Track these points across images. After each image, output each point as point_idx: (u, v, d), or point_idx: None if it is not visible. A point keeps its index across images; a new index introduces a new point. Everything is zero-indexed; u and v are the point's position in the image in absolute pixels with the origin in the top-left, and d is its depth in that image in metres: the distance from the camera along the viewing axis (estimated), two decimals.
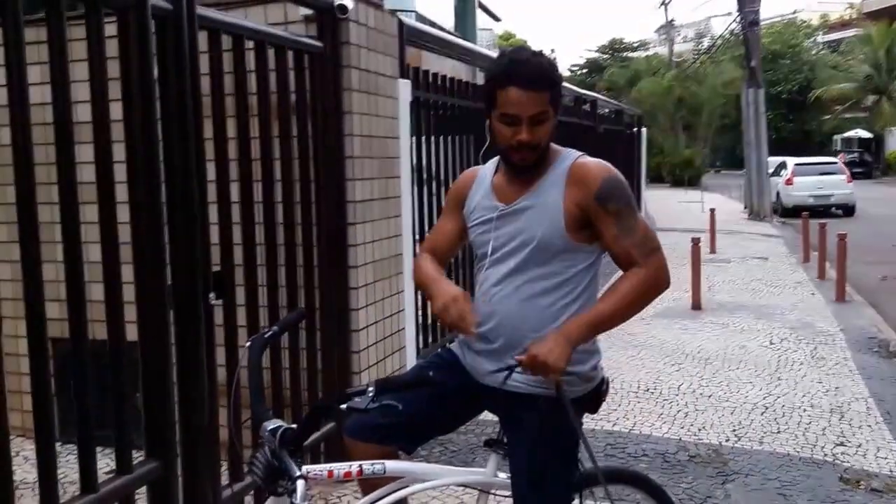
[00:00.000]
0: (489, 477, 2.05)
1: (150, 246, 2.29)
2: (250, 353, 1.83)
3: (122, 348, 2.21)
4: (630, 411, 4.69)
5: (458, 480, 2.09)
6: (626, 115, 14.87)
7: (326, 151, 3.36)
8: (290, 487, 1.63)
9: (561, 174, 1.93)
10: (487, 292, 1.98)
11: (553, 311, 1.92)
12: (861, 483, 3.61)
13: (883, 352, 6.14)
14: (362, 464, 1.86)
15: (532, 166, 1.94)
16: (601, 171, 1.93)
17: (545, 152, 1.94)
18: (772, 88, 36.13)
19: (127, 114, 2.23)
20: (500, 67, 1.89)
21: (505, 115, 1.88)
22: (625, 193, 1.92)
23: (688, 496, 3.42)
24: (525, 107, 1.85)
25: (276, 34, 3.00)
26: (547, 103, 1.88)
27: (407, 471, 1.98)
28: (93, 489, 2.10)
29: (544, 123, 1.89)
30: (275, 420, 1.71)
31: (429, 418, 2.05)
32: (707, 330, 6.93)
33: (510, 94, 1.86)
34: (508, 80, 1.86)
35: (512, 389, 1.94)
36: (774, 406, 4.78)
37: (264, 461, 1.67)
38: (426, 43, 4.87)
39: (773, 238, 14.25)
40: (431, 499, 3.31)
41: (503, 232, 1.96)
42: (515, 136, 1.88)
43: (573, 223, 1.90)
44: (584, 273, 1.95)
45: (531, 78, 1.85)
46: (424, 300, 4.64)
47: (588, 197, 1.89)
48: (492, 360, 1.96)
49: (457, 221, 2.14)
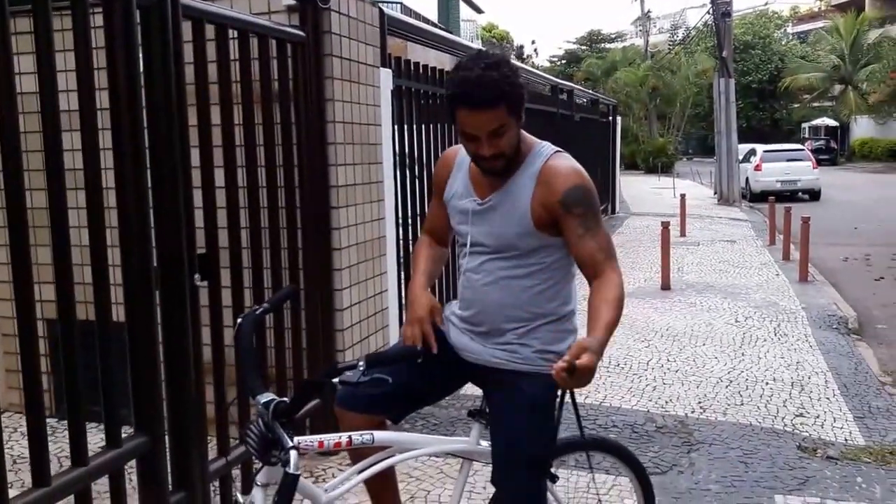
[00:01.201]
0: (472, 445, 2.13)
1: (137, 229, 2.33)
2: (242, 329, 1.87)
3: (110, 328, 2.27)
4: (601, 385, 4.84)
5: (443, 449, 2.18)
6: (602, 104, 15.06)
7: (309, 138, 3.43)
8: (284, 458, 1.68)
9: (533, 174, 1.96)
10: (469, 279, 2.07)
11: (531, 295, 2.01)
12: (818, 451, 3.77)
13: (842, 328, 6.36)
14: (351, 434, 1.92)
15: (505, 169, 1.96)
16: (570, 176, 1.93)
17: (516, 151, 1.95)
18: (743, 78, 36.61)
19: (113, 102, 2.26)
20: (452, 86, 1.87)
21: (464, 133, 1.90)
22: (591, 199, 1.93)
23: (654, 464, 3.57)
24: (479, 126, 1.84)
25: (259, 23, 3.06)
26: (504, 116, 1.85)
27: (394, 440, 2.04)
28: (83, 463, 2.15)
29: (505, 135, 1.87)
30: (267, 394, 1.75)
31: (416, 390, 2.12)
32: (675, 309, 7.11)
33: (463, 116, 1.85)
34: (458, 102, 1.85)
35: (495, 365, 2.03)
36: (738, 380, 4.95)
37: (258, 433, 1.72)
38: (407, 33, 4.97)
39: (742, 222, 14.51)
40: (414, 469, 3.42)
41: (479, 227, 2.03)
42: (478, 151, 1.90)
43: (541, 222, 1.95)
44: (560, 260, 2.02)
45: (482, 98, 1.81)
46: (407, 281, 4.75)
47: (553, 199, 1.91)
48: (479, 341, 2.07)
49: (444, 209, 2.18)
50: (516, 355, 2.01)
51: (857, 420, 4.27)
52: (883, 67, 34.09)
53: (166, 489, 2.45)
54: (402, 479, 3.33)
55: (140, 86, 2.32)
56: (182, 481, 2.55)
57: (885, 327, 6.78)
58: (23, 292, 1.97)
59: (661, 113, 36.09)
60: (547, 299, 2.02)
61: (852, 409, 4.44)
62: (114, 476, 2.30)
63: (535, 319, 2.02)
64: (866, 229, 13.45)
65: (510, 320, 2.01)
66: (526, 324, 2.02)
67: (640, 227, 13.24)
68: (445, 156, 2.22)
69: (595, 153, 13.06)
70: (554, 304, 2.04)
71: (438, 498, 3.20)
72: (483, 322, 2.05)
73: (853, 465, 3.61)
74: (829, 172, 26.69)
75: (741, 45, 37.74)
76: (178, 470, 2.54)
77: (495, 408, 2.06)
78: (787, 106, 42.43)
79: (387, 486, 2.23)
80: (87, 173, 2.19)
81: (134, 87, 2.29)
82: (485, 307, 2.04)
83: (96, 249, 2.23)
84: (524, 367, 2.00)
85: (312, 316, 3.51)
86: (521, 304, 2.00)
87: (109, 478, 2.29)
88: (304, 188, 3.43)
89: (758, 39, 41.77)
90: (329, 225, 3.59)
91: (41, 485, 2.01)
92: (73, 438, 2.16)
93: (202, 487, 2.63)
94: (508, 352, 2.02)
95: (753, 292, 7.82)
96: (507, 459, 2.01)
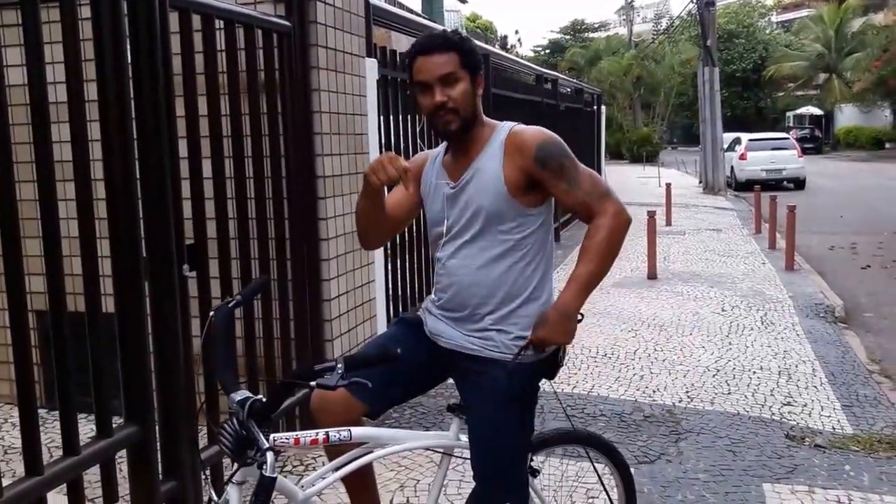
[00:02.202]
0: (451, 440, 2.12)
1: (126, 221, 2.33)
2: (215, 323, 1.83)
3: (100, 319, 2.28)
4: (589, 375, 4.87)
5: (421, 444, 2.15)
6: (586, 93, 15.09)
7: (296, 128, 3.43)
8: (261, 459, 1.65)
9: (498, 146, 2.00)
10: (445, 265, 2.07)
11: (508, 275, 2.00)
12: (806, 440, 3.80)
13: (829, 317, 6.41)
14: (328, 431, 1.88)
15: (462, 131, 1.99)
16: (535, 135, 2.00)
17: (474, 121, 2.00)
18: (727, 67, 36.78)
19: (101, 93, 2.26)
20: (410, 48, 2.02)
21: (417, 84, 1.98)
22: (562, 150, 1.99)
23: (643, 454, 3.60)
24: (431, 71, 1.95)
25: (245, 13, 3.05)
26: (456, 65, 1.96)
27: (372, 436, 2.02)
28: (75, 452, 2.16)
29: (456, 84, 1.95)
30: (242, 391, 1.71)
31: (395, 388, 2.11)
32: (662, 298, 7.14)
33: (417, 63, 1.98)
34: (414, 52, 1.99)
35: (470, 352, 2.02)
36: (725, 369, 4.99)
37: (232, 431, 1.67)
38: (392, 23, 4.97)
39: (727, 211, 14.61)
40: (402, 458, 3.43)
41: (455, 210, 2.04)
42: (432, 101, 1.96)
43: (516, 189, 1.97)
44: (534, 235, 2.03)
45: (432, 43, 1.97)
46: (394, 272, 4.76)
47: (529, 161, 1.96)
48: (456, 327, 2.06)
49: (404, 193, 2.18)
50: (491, 342, 2.00)
51: (845, 408, 4.31)
52: (867, 56, 34.32)
53: (157, 478, 2.46)
54: (391, 467, 3.35)
55: (128, 77, 2.32)
56: (172, 470, 2.56)
57: (872, 315, 6.84)
58: (13, 284, 1.97)
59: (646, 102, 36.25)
60: (524, 279, 2.02)
61: (840, 398, 4.48)
62: (105, 465, 2.31)
63: (511, 301, 2.01)
64: (852, 218, 13.56)
65: (486, 302, 2.00)
66: (502, 306, 2.01)
67: None
68: (418, 156, 2.28)
69: (580, 142, 13.08)
70: (530, 285, 2.03)
71: (428, 487, 3.22)
72: (459, 305, 2.04)
73: (841, 454, 3.65)
74: (814, 161, 26.91)
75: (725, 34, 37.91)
76: (168, 459, 2.55)
77: (469, 397, 2.06)
78: (771, 94, 42.66)
79: (364, 483, 2.22)
80: (75, 165, 2.19)
81: (122, 78, 2.29)
82: (461, 289, 2.03)
83: (86, 241, 2.23)
84: (499, 356, 2.00)
85: (300, 306, 3.50)
86: (497, 283, 2.00)
87: (101, 467, 2.30)
88: (290, 178, 3.43)
89: (742, 28, 41.95)
90: (316, 215, 3.59)
91: (33, 474, 2.02)
92: (64, 428, 2.17)
93: (193, 476, 2.63)
94: (484, 339, 2.01)
95: (740, 281, 7.88)
96: (482, 449, 2.01)
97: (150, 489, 2.42)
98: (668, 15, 47.60)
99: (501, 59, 9.44)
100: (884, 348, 5.79)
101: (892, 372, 5.16)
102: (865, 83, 34.76)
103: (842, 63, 36.65)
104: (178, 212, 2.56)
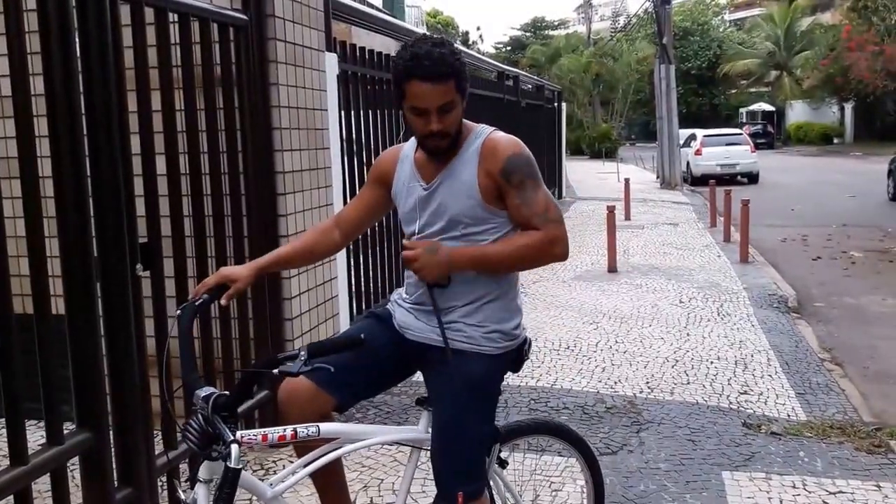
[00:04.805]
0: (421, 434, 2.11)
1: (76, 219, 2.27)
2: (180, 321, 1.83)
3: (49, 321, 2.21)
4: (552, 367, 4.90)
5: (391, 438, 2.15)
6: (547, 90, 15.19)
7: (254, 123, 3.37)
8: (225, 452, 1.65)
9: (475, 151, 1.99)
10: None
11: (480, 274, 2.01)
12: (762, 427, 3.87)
13: (782, 307, 6.56)
14: (296, 427, 1.87)
15: (448, 150, 1.99)
16: (508, 146, 2.00)
17: (458, 134, 2.00)
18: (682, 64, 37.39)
19: (49, 88, 2.20)
20: (404, 62, 1.91)
21: (414, 108, 1.93)
22: (529, 167, 1.99)
23: (605, 444, 3.63)
24: (431, 99, 1.89)
25: (199, 6, 2.98)
26: (453, 91, 1.92)
27: (341, 432, 2.00)
28: (23, 461, 2.09)
29: (452, 111, 1.93)
30: (207, 387, 1.71)
31: (361, 379, 2.10)
32: (622, 291, 7.22)
33: (415, 88, 1.89)
34: (412, 74, 1.89)
35: (436, 343, 2.02)
36: (684, 359, 5.07)
37: (198, 427, 1.68)
38: (352, 17, 4.93)
39: (683, 205, 14.84)
40: (366, 458, 3.41)
41: (427, 212, 2.04)
42: (427, 127, 1.93)
43: (489, 195, 1.98)
44: (507, 235, 2.02)
45: (433, 71, 1.88)
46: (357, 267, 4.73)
47: (496, 170, 1.96)
48: (422, 319, 2.07)
49: (373, 195, 2.19)
50: (459, 334, 2.01)
51: (799, 396, 4.41)
52: (815, 54, 35.22)
53: (111, 486, 2.40)
54: (354, 468, 3.31)
55: (76, 71, 2.26)
56: (128, 477, 2.50)
57: (823, 305, 7.01)
58: None
59: (605, 99, 36.66)
60: (496, 277, 2.04)
61: (794, 386, 4.58)
62: (56, 474, 2.24)
63: (480, 298, 2.03)
64: (803, 211, 13.90)
65: (456, 297, 2.02)
66: (471, 302, 2.03)
67: (587, 212, 13.43)
68: (387, 153, 2.23)
69: (541, 139, 13.17)
70: (502, 281, 2.06)
71: (392, 486, 3.20)
72: (427, 304, 2.05)
73: (796, 440, 3.73)
74: (767, 156, 27.51)
75: (681, 31, 38.51)
76: (123, 466, 2.50)
77: (433, 386, 2.07)
78: (725, 91, 43.49)
79: (334, 480, 2.19)
80: (22, 162, 2.12)
81: (70, 72, 2.23)
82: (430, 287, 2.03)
83: (34, 240, 2.17)
84: (464, 346, 2.01)
85: (260, 305, 3.45)
86: (469, 281, 2.02)
87: (51, 476, 2.23)
88: (248, 174, 3.37)
89: (696, 26, 42.68)
90: (276, 212, 3.53)
91: None
92: (11, 436, 2.10)
93: (149, 483, 2.58)
94: (452, 330, 2.02)
95: (696, 273, 8.01)
96: (443, 434, 2.01)
97: (104, 498, 2.36)
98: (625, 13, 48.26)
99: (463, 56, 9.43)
100: (834, 337, 5.94)
101: (843, 360, 5.30)
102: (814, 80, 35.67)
103: (792, 61, 37.57)
104: (130, 209, 2.50)
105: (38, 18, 2.17)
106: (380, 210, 2.26)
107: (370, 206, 2.22)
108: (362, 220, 2.25)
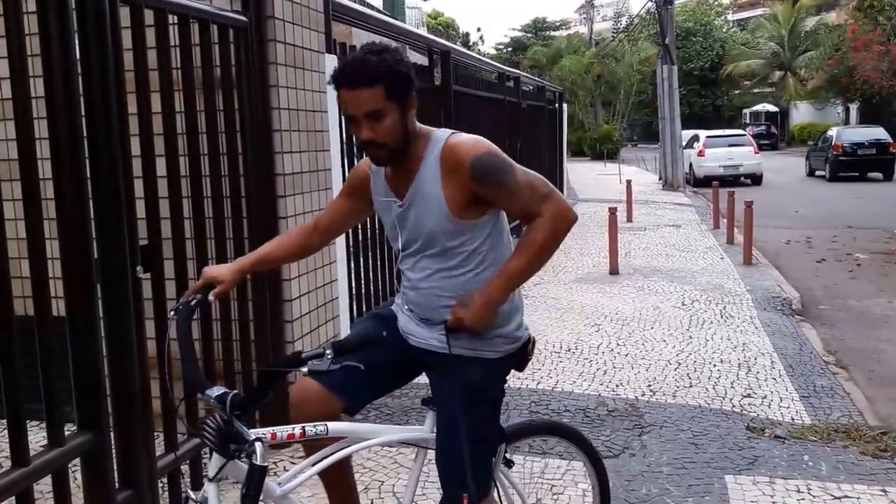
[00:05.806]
0: (427, 434, 2.12)
1: (76, 221, 2.27)
2: (177, 322, 1.83)
3: (50, 323, 2.21)
4: (553, 370, 4.89)
5: (398, 438, 2.16)
6: (548, 91, 15.16)
7: (254, 125, 3.37)
8: (249, 450, 1.67)
9: (435, 160, 1.95)
10: (408, 278, 2.09)
11: (464, 280, 2.01)
12: (766, 431, 3.86)
13: (786, 310, 6.54)
14: (305, 426, 1.89)
15: (391, 161, 1.95)
16: (469, 150, 1.93)
17: (406, 146, 1.94)
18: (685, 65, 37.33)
19: (48, 90, 2.19)
20: (334, 70, 1.90)
21: (346, 116, 1.92)
22: (497, 162, 1.93)
23: (607, 448, 3.61)
24: (355, 106, 1.85)
25: (199, 8, 2.97)
26: (381, 98, 1.84)
27: (349, 431, 2.02)
28: (25, 463, 2.09)
29: (383, 119, 1.86)
30: (217, 387, 1.73)
31: (369, 381, 2.10)
32: (624, 293, 7.21)
33: (342, 96, 1.87)
34: (337, 83, 1.87)
35: (437, 349, 2.04)
36: (686, 362, 5.05)
37: (216, 427, 1.69)
38: (352, 19, 4.92)
39: (686, 207, 14.82)
40: (367, 460, 3.40)
41: (405, 230, 2.04)
42: (357, 133, 1.90)
43: (460, 207, 1.94)
44: (488, 240, 2.02)
45: (354, 78, 1.83)
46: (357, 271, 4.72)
47: (465, 180, 1.91)
48: (423, 326, 2.08)
49: (345, 206, 2.22)
50: (461, 339, 2.01)
51: (803, 399, 4.39)
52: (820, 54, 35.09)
53: (113, 487, 2.39)
54: (355, 469, 3.29)
55: (76, 73, 2.26)
56: (129, 479, 2.48)
57: (827, 308, 6.99)
58: None
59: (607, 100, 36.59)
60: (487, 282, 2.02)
61: (798, 389, 4.56)
62: (57, 476, 2.24)
63: None
64: (807, 213, 13.86)
65: (450, 307, 2.01)
66: None
67: (588, 213, 13.40)
68: (360, 165, 2.21)
69: (542, 140, 13.16)
70: None
71: (392, 488, 3.19)
72: (426, 312, 2.07)
73: (800, 444, 3.71)
74: (770, 157, 27.45)
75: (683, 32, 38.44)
76: (124, 467, 2.49)
77: (436, 390, 2.09)
78: (728, 92, 43.40)
79: (342, 479, 2.21)
80: (22, 163, 2.11)
81: (70, 74, 2.22)
82: (425, 300, 2.06)
83: (34, 242, 2.16)
84: (465, 352, 2.01)
85: (260, 307, 3.44)
86: (460, 290, 2.01)
87: (53, 477, 2.22)
88: (248, 176, 3.36)
89: (699, 27, 42.59)
90: (276, 214, 3.53)
91: None
92: (12, 437, 2.09)
93: (150, 485, 2.57)
94: (454, 337, 2.01)
95: (699, 276, 7.98)
96: (447, 438, 2.02)
97: (105, 499, 2.35)
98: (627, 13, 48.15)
99: (463, 57, 9.42)
100: (839, 340, 5.92)
101: (848, 363, 5.28)
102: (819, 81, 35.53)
103: (796, 61, 37.46)
104: (131, 211, 2.49)
105: (38, 20, 2.16)
106: (351, 219, 2.30)
107: (342, 215, 2.25)
108: (337, 226, 2.29)
